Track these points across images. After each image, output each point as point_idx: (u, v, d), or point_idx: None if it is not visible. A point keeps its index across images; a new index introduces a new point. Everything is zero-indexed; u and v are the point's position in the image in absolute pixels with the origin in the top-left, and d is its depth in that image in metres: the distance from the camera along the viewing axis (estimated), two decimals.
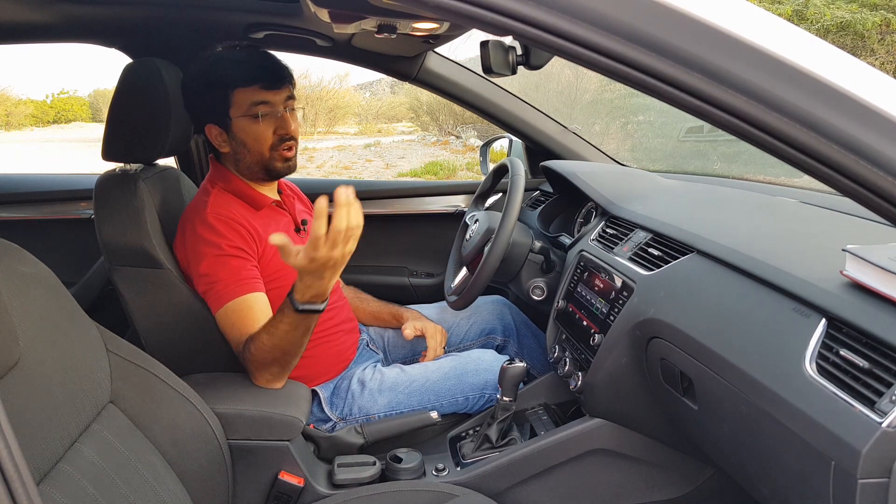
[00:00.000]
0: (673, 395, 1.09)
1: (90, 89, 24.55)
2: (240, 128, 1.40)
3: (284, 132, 1.41)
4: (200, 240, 1.34)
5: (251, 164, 1.44)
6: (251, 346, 1.27)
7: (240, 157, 1.43)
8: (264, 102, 1.38)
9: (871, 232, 1.11)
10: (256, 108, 1.38)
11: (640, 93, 0.61)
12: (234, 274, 1.33)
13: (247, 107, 1.38)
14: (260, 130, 1.40)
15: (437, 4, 0.59)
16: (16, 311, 0.85)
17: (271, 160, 1.43)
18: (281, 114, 1.41)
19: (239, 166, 1.45)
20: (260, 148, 1.41)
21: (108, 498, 0.88)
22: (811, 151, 0.58)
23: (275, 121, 1.40)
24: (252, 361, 1.29)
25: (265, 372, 1.30)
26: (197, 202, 1.42)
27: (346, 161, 11.28)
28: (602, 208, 1.57)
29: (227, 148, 1.43)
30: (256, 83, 1.38)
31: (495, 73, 1.13)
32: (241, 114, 1.39)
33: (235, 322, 1.32)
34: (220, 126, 1.41)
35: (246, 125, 1.39)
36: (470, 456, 1.37)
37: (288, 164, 1.45)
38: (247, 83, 1.37)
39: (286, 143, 1.42)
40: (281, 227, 1.47)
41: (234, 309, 1.32)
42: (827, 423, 0.73)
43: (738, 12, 0.59)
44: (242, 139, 1.41)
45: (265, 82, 1.38)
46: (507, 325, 1.76)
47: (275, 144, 1.41)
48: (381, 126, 17.09)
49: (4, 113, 18.11)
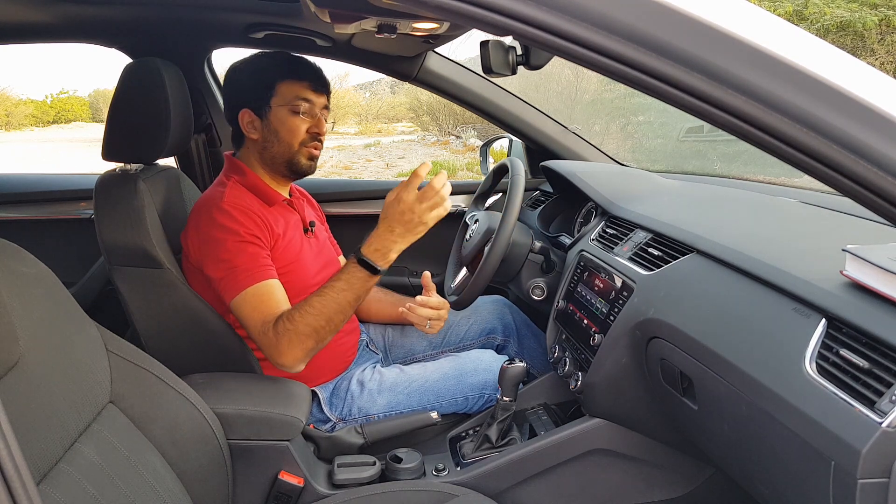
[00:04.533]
0: (673, 395, 1.09)
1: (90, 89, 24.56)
2: (277, 117, 1.46)
3: (317, 131, 1.48)
4: (217, 226, 1.35)
5: (276, 155, 1.48)
6: (293, 316, 1.29)
7: (268, 146, 1.48)
8: (307, 100, 1.46)
9: (871, 232, 1.11)
10: (299, 103, 1.45)
11: (640, 93, 0.61)
12: (252, 260, 1.34)
13: (290, 99, 1.45)
14: (296, 124, 1.46)
15: (437, 4, 0.59)
16: (16, 311, 0.85)
17: (298, 154, 1.48)
18: (318, 114, 1.48)
19: (263, 156, 1.49)
20: (291, 140, 1.47)
21: (108, 498, 0.88)
22: (811, 151, 0.58)
23: (311, 119, 1.48)
24: (288, 333, 1.28)
25: (299, 347, 1.29)
26: (213, 192, 1.44)
27: (346, 161, 11.28)
28: (602, 208, 1.57)
29: (256, 135, 1.48)
30: (305, 80, 1.46)
31: (495, 73, 1.13)
32: (283, 104, 1.45)
33: (258, 305, 1.32)
34: (256, 113, 1.47)
35: (284, 116, 1.46)
36: (470, 456, 1.37)
37: (311, 162, 1.51)
38: (297, 78, 1.46)
39: (314, 142, 1.49)
40: (290, 224, 1.49)
41: (255, 293, 1.33)
42: (827, 423, 0.73)
43: (738, 12, 0.59)
44: (277, 128, 1.46)
45: (313, 83, 1.47)
46: (508, 326, 1.76)
47: (305, 141, 1.48)
48: (381, 126, 17.09)
49: (4, 113, 18.11)
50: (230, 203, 1.38)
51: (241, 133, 1.50)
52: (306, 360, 1.32)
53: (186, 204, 1.58)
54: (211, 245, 1.35)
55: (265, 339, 1.31)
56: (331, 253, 1.65)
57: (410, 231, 1.29)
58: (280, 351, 1.30)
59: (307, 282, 1.47)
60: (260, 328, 1.31)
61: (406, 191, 1.28)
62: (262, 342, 1.32)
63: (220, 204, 1.38)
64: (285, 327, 1.29)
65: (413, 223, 1.28)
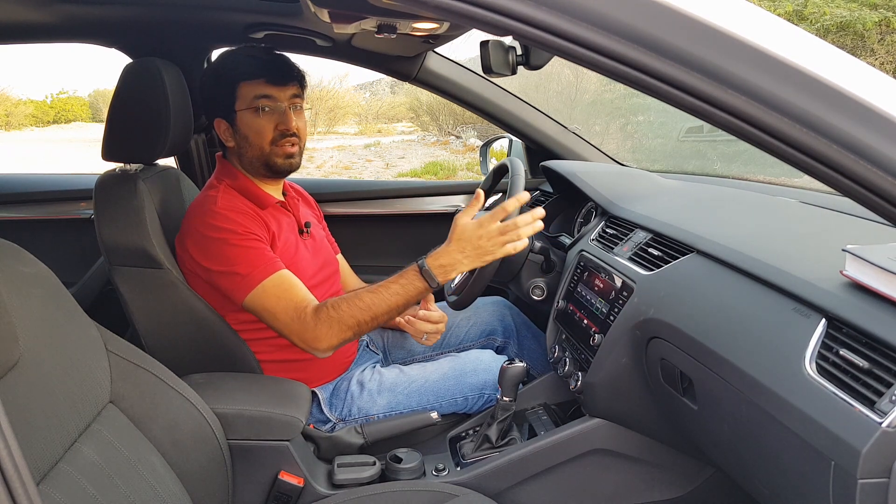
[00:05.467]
0: (673, 395, 1.09)
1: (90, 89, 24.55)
2: (243, 121, 1.43)
3: (285, 128, 1.43)
4: (216, 228, 1.34)
5: (252, 159, 1.46)
6: (340, 305, 1.30)
7: (242, 152, 1.46)
8: (267, 96, 1.41)
9: (871, 232, 1.11)
10: (259, 101, 1.41)
11: (640, 93, 0.61)
12: (259, 255, 1.34)
13: (250, 100, 1.41)
14: (261, 124, 1.42)
15: (437, 4, 0.59)
16: (16, 311, 0.85)
17: (272, 155, 1.44)
18: (284, 109, 1.42)
19: (242, 161, 1.47)
20: (260, 142, 1.43)
21: (108, 498, 0.88)
22: (811, 151, 0.58)
23: (276, 115, 1.42)
24: (331, 320, 1.29)
25: (337, 335, 1.30)
26: (204, 197, 1.43)
27: (346, 161, 11.28)
28: (602, 208, 1.57)
29: (232, 142, 1.46)
30: (261, 77, 1.41)
31: (495, 73, 1.13)
32: (245, 107, 1.42)
33: (282, 294, 1.32)
34: (227, 120, 1.44)
35: (248, 118, 1.42)
36: (470, 456, 1.37)
37: (290, 160, 1.46)
38: (251, 77, 1.41)
39: (288, 138, 1.44)
40: (284, 226, 1.48)
41: (274, 283, 1.33)
42: (827, 422, 0.73)
43: (738, 12, 0.59)
44: (245, 133, 1.43)
45: (269, 77, 1.41)
46: (508, 327, 1.76)
47: (275, 139, 1.43)
48: (381, 126, 17.09)
49: (4, 113, 18.11)
50: (224, 206, 1.37)
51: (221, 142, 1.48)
52: (337, 348, 1.33)
53: (186, 204, 1.57)
54: (212, 248, 1.34)
55: (300, 323, 1.31)
56: (328, 252, 1.64)
57: (480, 257, 1.31)
58: (318, 335, 1.30)
59: (305, 283, 1.46)
60: (293, 313, 1.31)
61: (491, 219, 1.30)
62: (296, 326, 1.31)
63: (214, 208, 1.37)
64: (329, 314, 1.30)
65: (484, 251, 1.30)
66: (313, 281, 1.49)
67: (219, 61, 1.49)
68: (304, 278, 1.46)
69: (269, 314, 1.34)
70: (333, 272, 1.61)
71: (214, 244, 1.34)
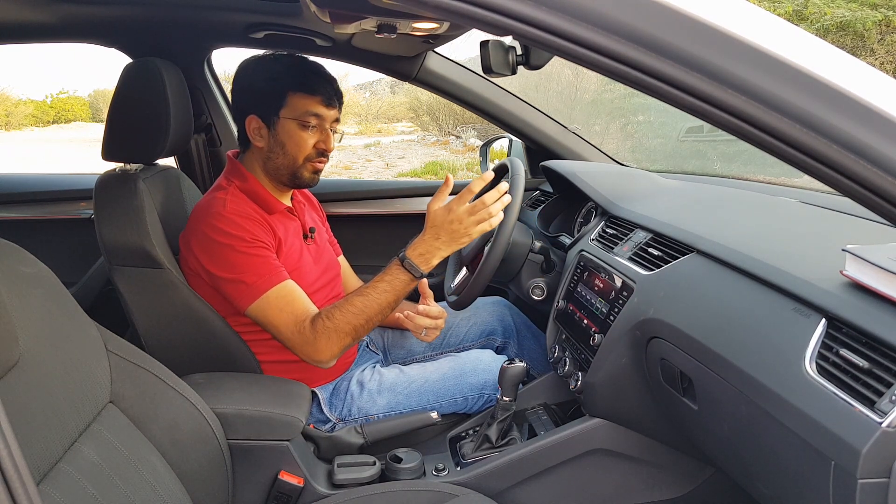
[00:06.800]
0: (673, 395, 1.09)
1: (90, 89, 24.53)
2: (285, 129, 1.43)
3: (325, 148, 1.46)
4: (223, 233, 1.34)
5: (280, 167, 1.46)
6: (333, 314, 1.33)
7: (272, 156, 1.45)
8: (317, 115, 1.43)
9: (871, 232, 1.11)
10: (309, 117, 1.42)
11: (640, 93, 0.61)
12: (265, 264, 1.35)
13: (301, 112, 1.42)
14: (304, 138, 1.43)
15: (437, 4, 0.59)
16: (16, 311, 0.85)
17: (302, 168, 1.46)
18: (327, 130, 1.45)
19: (266, 164, 1.47)
20: (297, 154, 1.44)
21: (108, 498, 0.88)
22: (811, 151, 0.58)
23: (320, 134, 1.45)
24: (328, 331, 1.32)
25: (337, 344, 1.33)
26: (212, 198, 1.42)
27: (346, 161, 11.27)
28: (602, 208, 1.57)
29: (262, 143, 1.45)
30: (318, 94, 1.42)
31: (495, 73, 1.13)
32: (293, 117, 1.42)
33: (285, 306, 1.34)
34: (264, 120, 1.44)
35: (293, 129, 1.43)
36: (470, 456, 1.37)
37: (315, 176, 1.49)
38: (309, 92, 1.42)
39: (321, 157, 1.47)
40: (290, 232, 1.48)
41: (278, 294, 1.34)
42: (827, 422, 0.73)
43: (738, 12, 0.59)
44: (283, 140, 1.43)
45: (326, 97, 1.43)
46: (507, 327, 1.76)
47: (311, 156, 1.45)
48: (381, 126, 17.08)
49: (4, 113, 18.10)
50: (232, 211, 1.37)
51: (246, 137, 1.47)
52: (339, 355, 1.36)
53: (186, 204, 1.57)
54: (218, 253, 1.34)
55: (300, 336, 1.33)
56: (330, 256, 1.64)
57: (455, 241, 1.35)
58: (318, 348, 1.32)
59: (307, 289, 1.46)
60: (294, 327, 1.33)
61: (458, 202, 1.34)
62: (297, 340, 1.33)
63: (223, 212, 1.36)
64: (325, 325, 1.32)
65: (458, 233, 1.35)
66: (315, 286, 1.49)
67: (270, 61, 1.46)
68: (306, 284, 1.46)
69: (272, 326, 1.35)
70: (335, 276, 1.62)
71: (221, 249, 1.34)
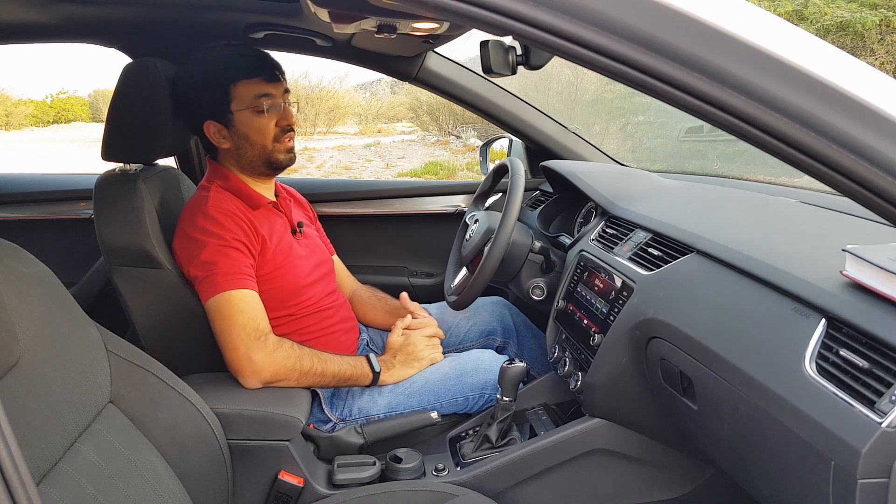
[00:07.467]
0: (673, 395, 1.09)
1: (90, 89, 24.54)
2: (242, 122, 1.42)
3: (287, 123, 1.45)
4: (201, 230, 1.35)
5: (253, 159, 1.45)
6: (304, 347, 1.37)
7: (242, 152, 1.45)
8: (267, 95, 1.41)
9: (871, 232, 1.11)
10: (260, 100, 1.41)
11: (640, 93, 0.61)
12: (234, 265, 1.34)
13: (250, 100, 1.41)
14: (263, 123, 1.42)
15: (437, 4, 0.59)
16: (16, 311, 0.85)
17: (274, 152, 1.45)
18: (282, 105, 1.44)
19: (240, 162, 1.46)
20: (263, 140, 1.43)
21: (108, 498, 0.88)
22: (811, 151, 0.58)
23: (277, 113, 1.43)
24: (292, 356, 1.33)
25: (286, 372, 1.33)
26: (197, 199, 1.42)
27: (346, 161, 11.28)
28: (602, 208, 1.57)
29: (227, 144, 1.44)
30: (258, 76, 1.41)
31: (495, 73, 1.13)
32: (244, 107, 1.41)
33: (247, 310, 1.32)
34: (220, 122, 1.42)
35: (249, 118, 1.42)
36: (470, 456, 1.37)
37: (290, 155, 1.48)
38: (248, 76, 1.40)
39: (287, 133, 1.46)
40: (277, 227, 1.48)
41: (240, 297, 1.32)
42: (827, 422, 0.73)
43: (738, 12, 0.59)
44: (245, 133, 1.43)
45: (266, 75, 1.41)
46: (507, 327, 1.76)
47: (277, 136, 1.45)
48: (381, 126, 17.09)
49: (4, 113, 18.11)
50: (215, 207, 1.37)
51: (211, 144, 1.45)
52: (266, 383, 1.32)
53: None
54: (194, 247, 1.34)
55: (256, 343, 1.30)
56: (323, 253, 1.63)
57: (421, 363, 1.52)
58: (271, 360, 1.31)
59: (300, 282, 1.46)
60: (252, 332, 1.30)
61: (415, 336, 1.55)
62: (250, 345, 1.30)
63: (206, 209, 1.36)
64: (292, 348, 1.34)
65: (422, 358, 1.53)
66: (309, 279, 1.49)
67: (201, 64, 1.42)
68: (300, 277, 1.46)
69: (226, 323, 1.31)
70: (329, 271, 1.61)
71: (197, 243, 1.34)
